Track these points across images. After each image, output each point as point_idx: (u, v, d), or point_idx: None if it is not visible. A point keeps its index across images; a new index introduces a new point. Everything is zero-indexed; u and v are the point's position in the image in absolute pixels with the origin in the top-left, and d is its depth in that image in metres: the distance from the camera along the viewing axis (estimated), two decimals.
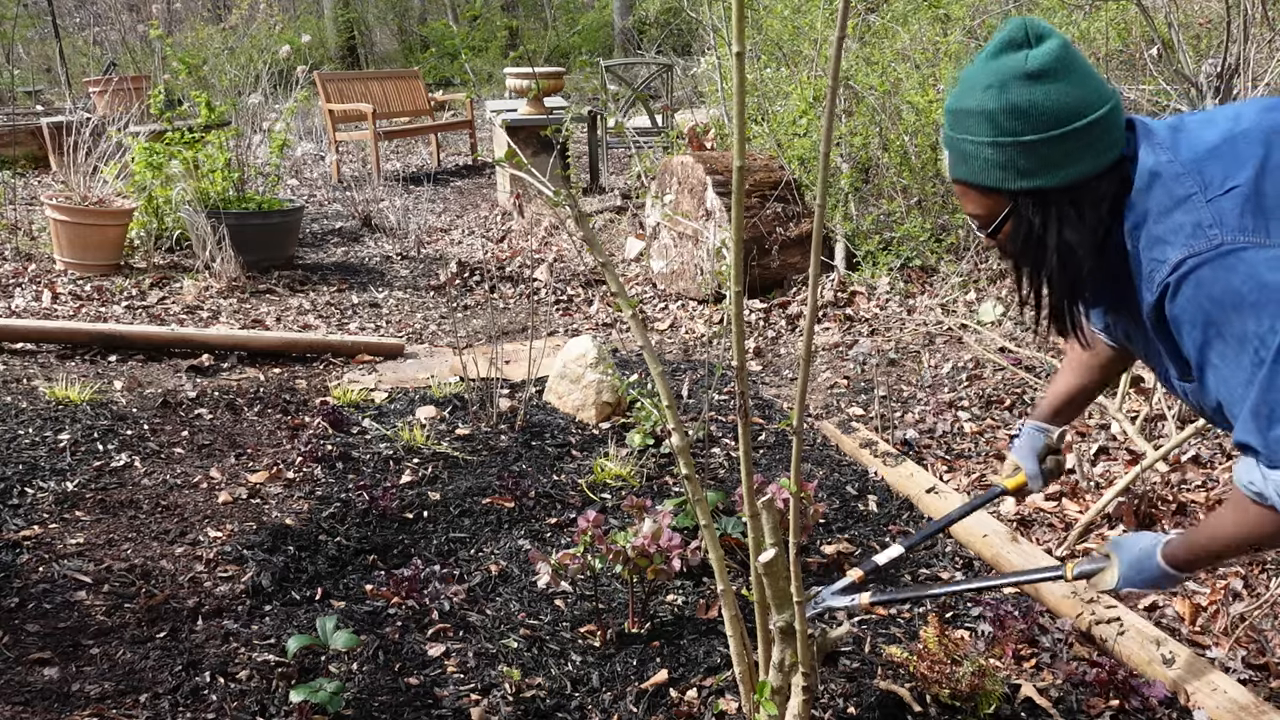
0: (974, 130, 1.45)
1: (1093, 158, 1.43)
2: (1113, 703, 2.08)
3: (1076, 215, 1.46)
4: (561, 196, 1.86)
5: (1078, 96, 1.40)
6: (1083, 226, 1.47)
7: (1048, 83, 1.39)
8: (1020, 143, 1.42)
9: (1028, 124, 1.41)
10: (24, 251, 6.03)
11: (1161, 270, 1.39)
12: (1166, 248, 1.39)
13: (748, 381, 1.72)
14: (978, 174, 1.48)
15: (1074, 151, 1.42)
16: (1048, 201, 1.46)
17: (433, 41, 18.82)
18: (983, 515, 2.86)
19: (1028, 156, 1.42)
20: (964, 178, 1.51)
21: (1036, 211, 1.48)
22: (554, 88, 8.36)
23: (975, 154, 1.47)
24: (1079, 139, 1.41)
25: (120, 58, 12.80)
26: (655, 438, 3.38)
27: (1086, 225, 1.47)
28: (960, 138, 1.48)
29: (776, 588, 1.67)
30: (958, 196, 1.57)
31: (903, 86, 5.24)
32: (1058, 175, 1.43)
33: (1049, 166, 1.43)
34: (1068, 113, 1.40)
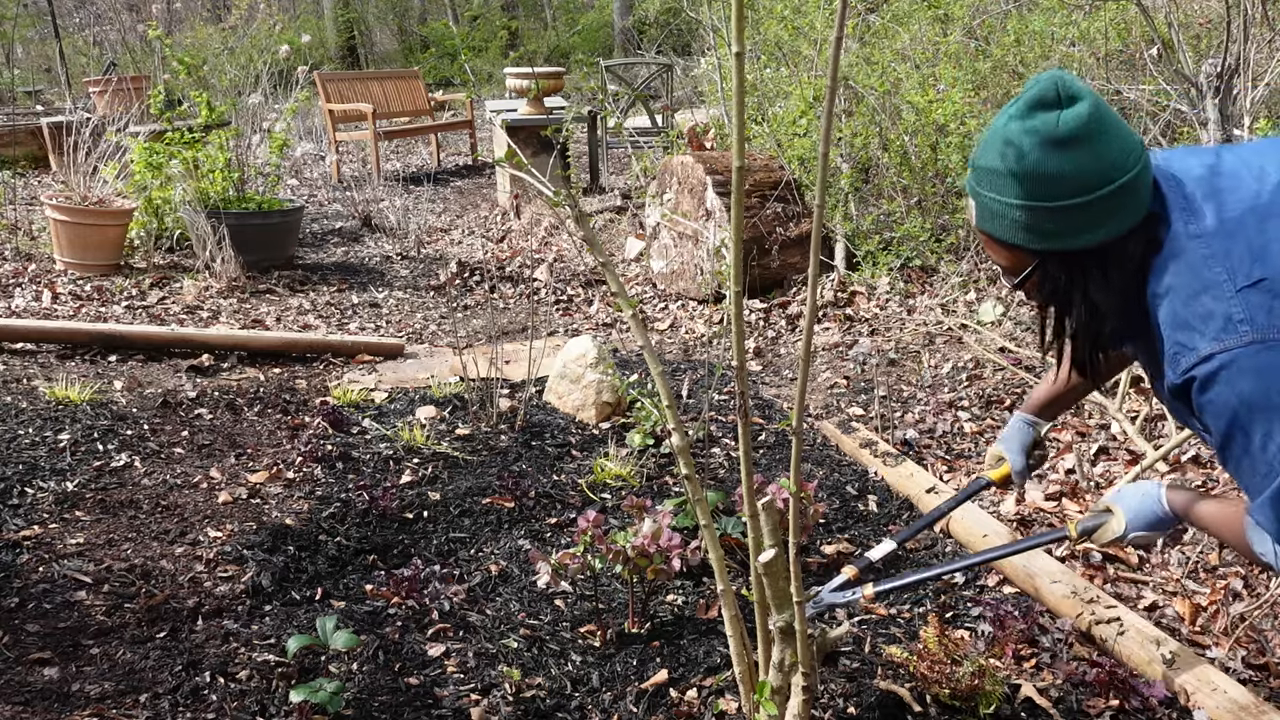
0: (1000, 190, 1.45)
1: (1120, 220, 1.42)
2: (1113, 703, 2.08)
3: (1102, 276, 1.47)
4: (561, 196, 1.86)
5: (1107, 161, 1.39)
6: (1108, 286, 1.47)
7: (1077, 149, 1.38)
8: (1047, 208, 1.41)
9: (1055, 190, 1.40)
10: (24, 251, 6.03)
11: (1188, 357, 1.40)
12: (1194, 335, 1.39)
13: (748, 381, 1.72)
14: (1003, 232, 1.48)
15: (1102, 215, 1.41)
16: (1074, 262, 1.47)
17: (433, 41, 18.83)
18: (982, 515, 2.86)
19: (1054, 220, 1.42)
20: (989, 232, 1.51)
21: (1062, 271, 1.48)
22: (554, 88, 8.37)
23: (1001, 213, 1.46)
24: (1107, 203, 1.40)
25: (120, 58, 12.80)
26: (655, 438, 3.38)
27: (1112, 285, 1.47)
28: (986, 194, 1.48)
29: (776, 588, 1.67)
30: (983, 245, 1.58)
31: (903, 86, 5.24)
32: (1084, 238, 1.43)
33: (1076, 230, 1.43)
34: (1096, 179, 1.39)
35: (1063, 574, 2.53)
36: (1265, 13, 4.07)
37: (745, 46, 1.38)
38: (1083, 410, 3.56)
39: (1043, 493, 3.05)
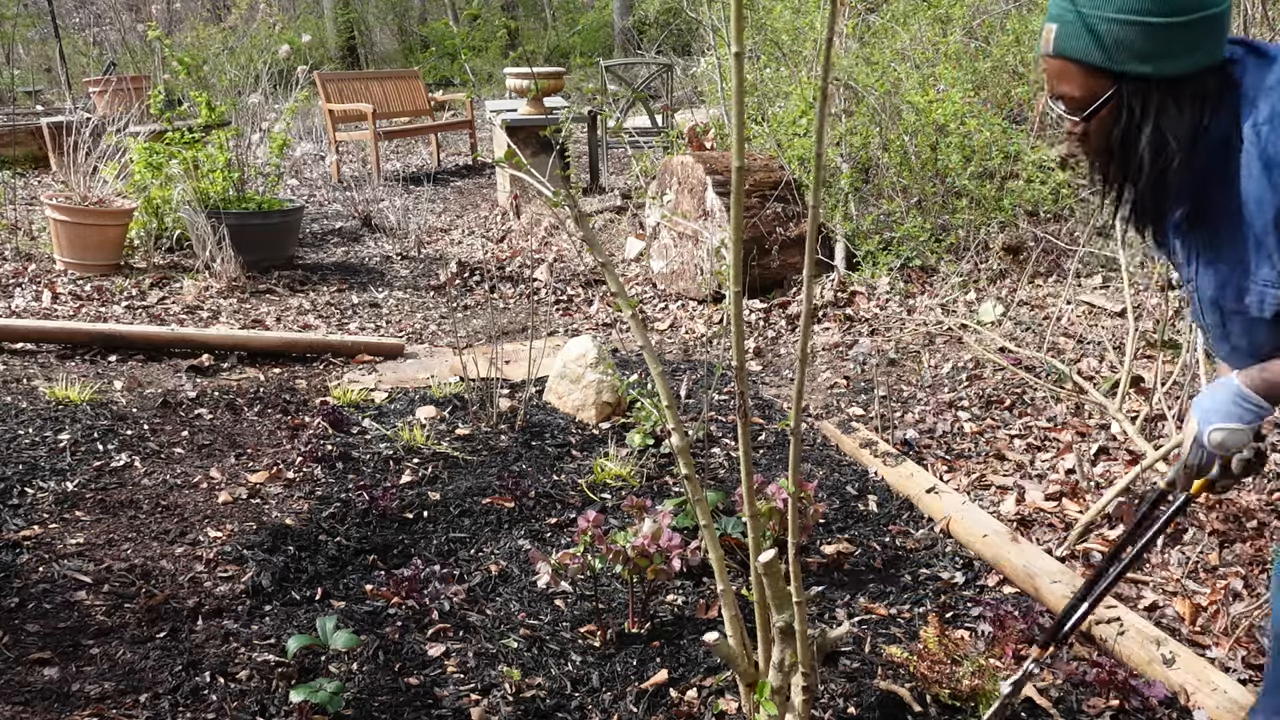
0: (1096, 4, 1.42)
1: (1206, 51, 1.42)
2: (1113, 703, 2.08)
3: (1176, 108, 1.44)
4: (561, 197, 1.86)
5: None
6: (1180, 121, 1.45)
7: None
8: (1144, 24, 1.39)
9: (1153, 5, 1.38)
10: (24, 251, 6.03)
11: None
12: None
13: (747, 381, 1.71)
14: (1088, 50, 1.44)
15: (1193, 41, 1.40)
16: (1151, 90, 1.44)
17: (433, 41, 18.83)
18: (982, 515, 2.86)
19: (1147, 39, 1.40)
20: (1071, 53, 1.47)
21: (1139, 99, 1.45)
22: (554, 88, 8.36)
23: (1094, 28, 1.42)
24: (1200, 29, 1.39)
25: (120, 58, 12.80)
26: (655, 438, 3.38)
27: (1185, 120, 1.45)
28: (1079, 10, 1.43)
29: (776, 588, 1.67)
30: (1051, 75, 1.53)
31: (903, 86, 5.24)
32: (1171, 63, 1.41)
33: (1165, 53, 1.41)
34: (1193, 1, 1.38)
35: (1063, 574, 2.53)
36: (1265, 13, 4.07)
37: (745, 46, 1.38)
38: (1083, 410, 3.56)
39: (1043, 493, 3.05)
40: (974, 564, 2.71)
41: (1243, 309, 1.52)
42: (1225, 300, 1.54)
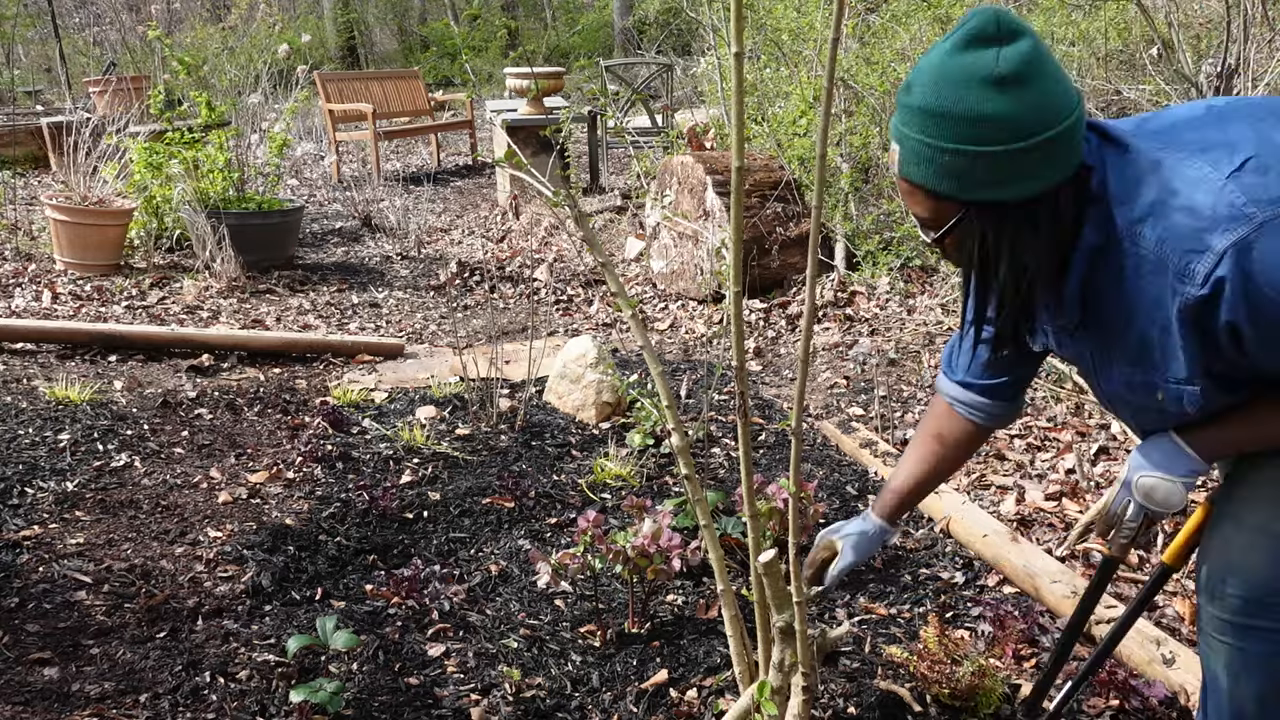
0: (931, 131, 1.33)
1: (1056, 169, 1.33)
2: (1113, 703, 2.08)
3: (1032, 230, 1.37)
4: (561, 197, 1.86)
5: (1046, 105, 1.29)
6: (1038, 242, 1.38)
7: (1016, 90, 1.28)
8: (981, 153, 1.31)
9: (992, 134, 1.29)
10: (24, 251, 6.03)
11: (1205, 261, 1.28)
12: (1203, 235, 1.28)
13: (747, 381, 1.71)
14: (930, 178, 1.36)
15: (1038, 164, 1.31)
16: (1003, 214, 1.36)
17: (433, 41, 18.84)
18: (982, 515, 2.86)
19: (988, 167, 1.31)
20: (913, 179, 1.39)
21: (990, 224, 1.37)
22: (554, 88, 8.37)
23: (930, 157, 1.34)
24: (1044, 151, 1.30)
25: (120, 58, 12.80)
26: (655, 438, 3.38)
27: (1042, 240, 1.38)
28: (914, 136, 1.35)
29: (776, 588, 1.67)
30: (903, 194, 1.46)
31: None
32: (1018, 188, 1.33)
33: (1010, 179, 1.32)
34: (1035, 124, 1.29)
35: (1062, 574, 2.53)
36: (1265, 13, 4.07)
37: (744, 46, 1.38)
38: (1083, 410, 3.56)
39: (1043, 493, 3.05)
40: (974, 564, 2.71)
41: (1158, 405, 1.46)
42: (1136, 398, 1.49)
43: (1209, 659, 1.55)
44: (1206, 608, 1.51)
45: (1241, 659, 1.48)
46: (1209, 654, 1.54)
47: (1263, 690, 1.49)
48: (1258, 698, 1.50)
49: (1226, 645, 1.49)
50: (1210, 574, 1.50)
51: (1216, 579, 1.49)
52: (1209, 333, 1.33)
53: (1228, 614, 1.48)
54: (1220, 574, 1.48)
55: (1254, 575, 1.45)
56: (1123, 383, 1.49)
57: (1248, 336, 1.31)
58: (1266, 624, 1.45)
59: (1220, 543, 1.50)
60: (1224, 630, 1.49)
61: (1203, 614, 1.53)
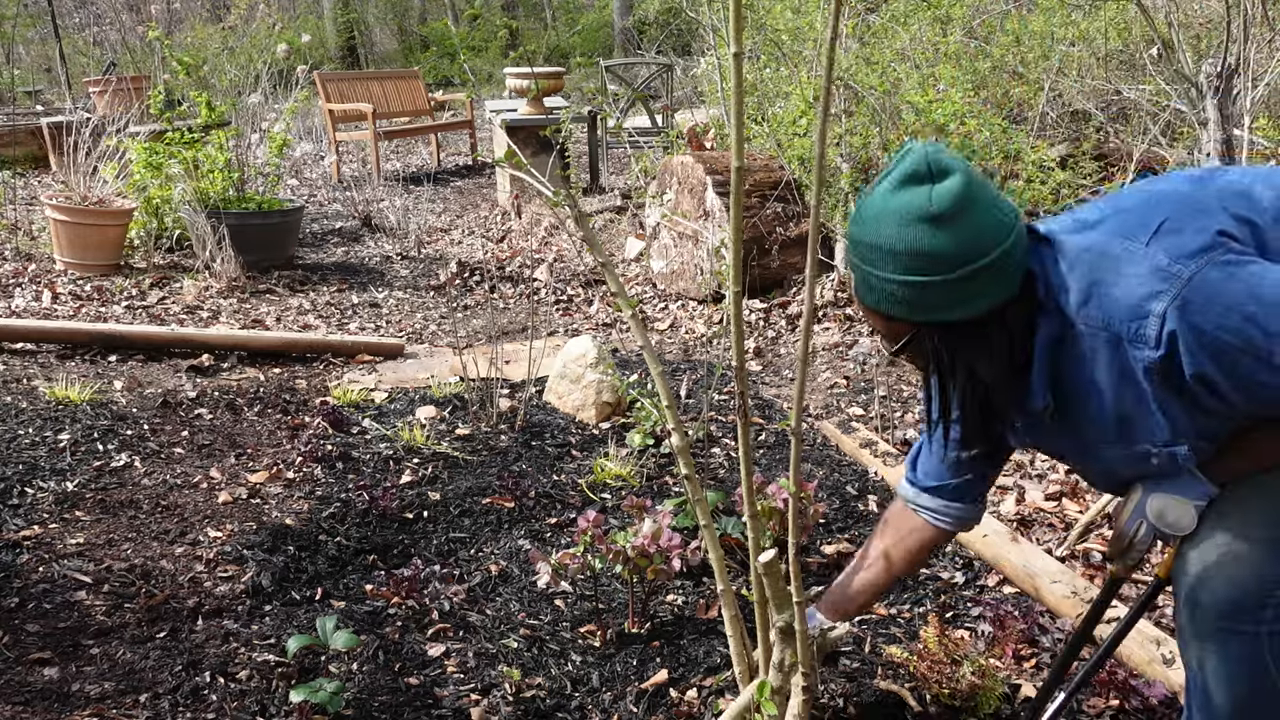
0: (878, 265, 1.45)
1: (998, 289, 1.43)
2: (1113, 703, 2.08)
3: (983, 343, 1.47)
4: (561, 196, 1.86)
5: (981, 233, 1.39)
6: (990, 354, 1.48)
7: (950, 225, 1.39)
8: (922, 283, 1.42)
9: (930, 266, 1.40)
10: (24, 251, 6.03)
11: (1152, 325, 1.37)
12: (1142, 304, 1.38)
13: (747, 381, 1.72)
14: (880, 304, 1.48)
15: (979, 287, 1.42)
16: (953, 333, 1.47)
17: (433, 41, 18.84)
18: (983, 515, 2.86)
19: (931, 294, 1.42)
20: (869, 305, 1.51)
21: (941, 341, 1.49)
22: (554, 88, 8.37)
23: (877, 286, 1.46)
24: (983, 275, 1.41)
25: (120, 58, 12.80)
26: (655, 438, 3.38)
27: (995, 351, 1.48)
28: (863, 268, 1.48)
29: (776, 588, 1.67)
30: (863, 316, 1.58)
31: (903, 86, 5.24)
32: (962, 310, 1.44)
33: (953, 304, 1.43)
34: (971, 253, 1.39)
35: (1062, 574, 2.53)
36: (1265, 13, 4.07)
37: (744, 47, 1.38)
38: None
39: (1043, 493, 3.05)
40: (974, 564, 2.71)
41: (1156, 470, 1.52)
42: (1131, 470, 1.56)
43: (1189, 664, 1.57)
44: (1185, 614, 1.54)
45: (1222, 662, 1.50)
46: (1189, 659, 1.57)
47: (1242, 692, 1.51)
48: (1238, 699, 1.52)
49: (1204, 650, 1.52)
50: (1190, 579, 1.52)
51: (1196, 584, 1.51)
52: (1184, 389, 1.41)
53: (1208, 618, 1.49)
54: (1200, 579, 1.50)
55: (1233, 580, 1.47)
56: (1115, 459, 1.55)
57: (1221, 382, 1.37)
58: (1246, 628, 1.47)
59: (1200, 549, 1.51)
60: (1204, 634, 1.51)
61: (1183, 618, 1.55)
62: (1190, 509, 1.52)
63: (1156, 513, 1.55)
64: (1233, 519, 1.49)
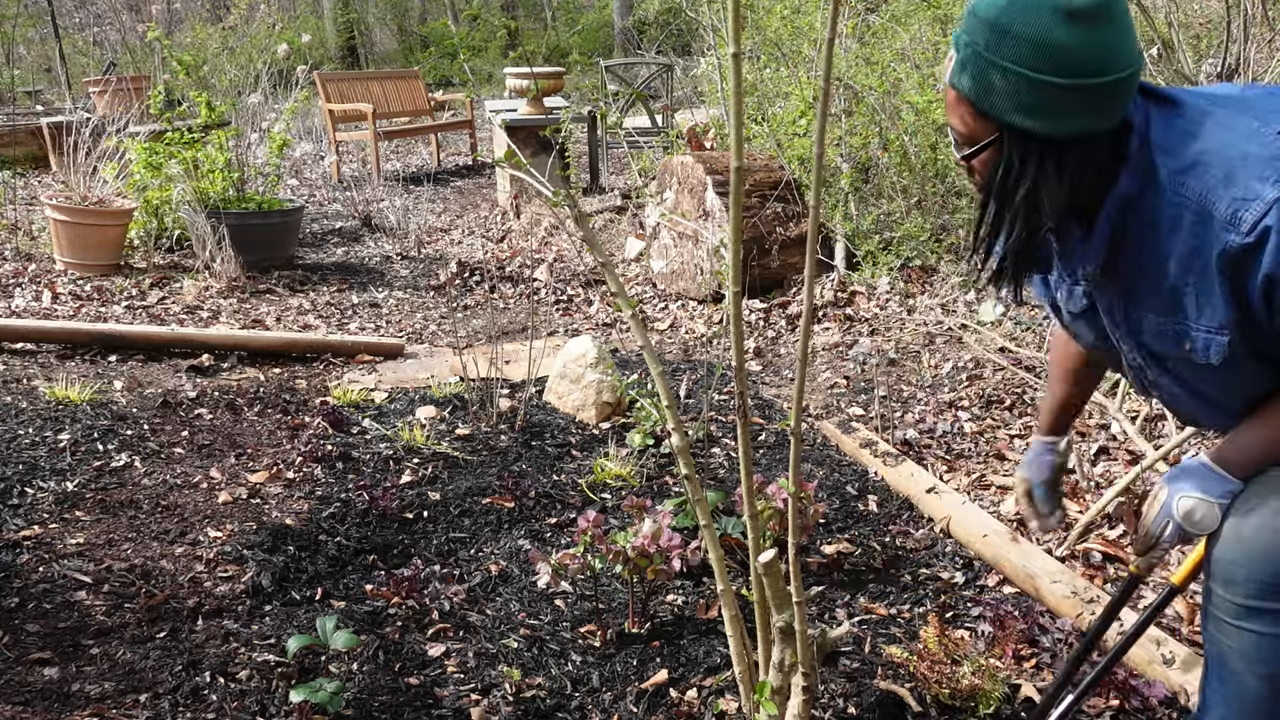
0: (991, 47, 1.35)
1: (1099, 117, 1.36)
2: (1113, 703, 2.08)
3: (1056, 171, 1.39)
4: (561, 196, 1.86)
5: (1111, 49, 1.32)
6: (1059, 185, 1.40)
7: (1087, 26, 1.30)
8: (1034, 79, 1.33)
9: (1050, 63, 1.32)
10: (24, 251, 6.03)
11: (1254, 209, 1.31)
12: (1254, 185, 1.31)
13: (747, 381, 1.71)
14: (975, 91, 1.40)
15: (1084, 105, 1.34)
16: (1031, 147, 1.39)
17: (433, 41, 18.84)
18: (982, 515, 2.86)
19: (1036, 94, 1.34)
20: (961, 88, 1.42)
21: (1019, 153, 1.41)
22: (554, 88, 8.37)
23: (985, 71, 1.37)
24: (1094, 94, 1.33)
25: (120, 58, 12.80)
26: (655, 438, 3.38)
27: (1064, 184, 1.40)
28: (975, 48, 1.38)
29: (776, 588, 1.67)
30: (947, 102, 1.49)
31: (902, 86, 5.24)
32: (1058, 124, 1.36)
33: (1053, 113, 1.35)
34: (1095, 64, 1.32)
35: (1063, 574, 2.53)
36: (1265, 13, 4.07)
37: (743, 47, 1.38)
38: (1083, 410, 3.56)
39: None
40: (974, 564, 2.72)
41: (1185, 355, 1.48)
42: (1164, 348, 1.51)
43: (1219, 645, 1.56)
44: (1219, 593, 1.52)
45: (1255, 642, 1.50)
46: (1220, 640, 1.55)
47: (1276, 672, 1.50)
48: (1273, 681, 1.51)
49: (1239, 629, 1.51)
50: (1222, 559, 1.51)
51: (1229, 564, 1.50)
52: (1244, 286, 1.36)
53: (1240, 598, 1.49)
54: (1232, 559, 1.49)
55: (1266, 558, 1.47)
56: (1152, 332, 1.51)
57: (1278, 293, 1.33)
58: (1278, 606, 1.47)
59: (1232, 528, 1.51)
60: (1237, 614, 1.50)
61: (1214, 599, 1.53)
62: (1215, 508, 1.51)
63: (1184, 512, 1.53)
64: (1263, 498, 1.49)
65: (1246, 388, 1.51)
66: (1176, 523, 1.55)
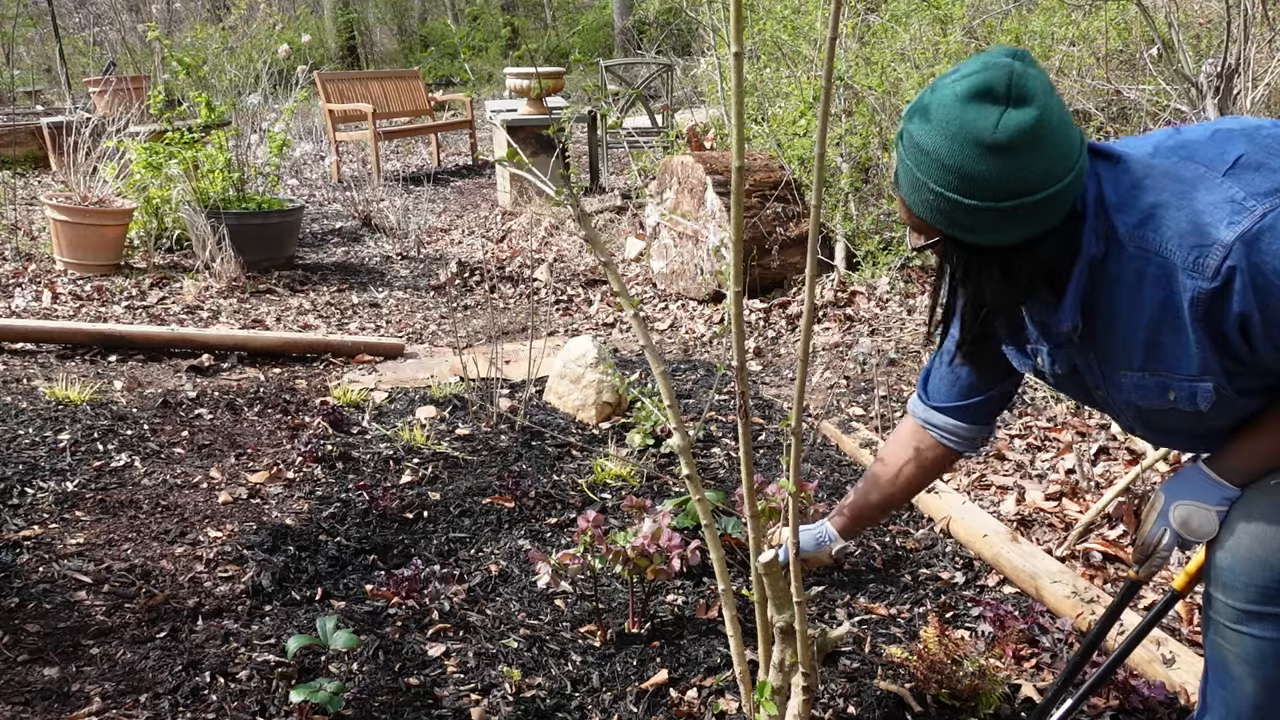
0: (922, 168, 1.37)
1: (1038, 223, 1.37)
2: (1113, 703, 2.08)
3: (1003, 273, 1.42)
4: (562, 196, 1.86)
5: (1036, 173, 1.32)
6: (1005, 286, 1.43)
7: (1010, 157, 1.31)
8: (964, 204, 1.35)
9: (979, 191, 1.33)
10: (24, 251, 6.03)
11: (1213, 254, 1.32)
12: (1209, 230, 1.32)
13: (748, 381, 1.71)
14: (915, 204, 1.42)
15: (1022, 220, 1.35)
16: (972, 255, 1.42)
17: (433, 41, 18.84)
18: (982, 515, 2.86)
19: (970, 217, 1.36)
20: (905, 200, 1.45)
21: (960, 258, 1.44)
22: (554, 88, 8.37)
23: (918, 187, 1.39)
24: (1027, 211, 1.34)
25: (120, 58, 12.80)
26: (655, 438, 3.38)
27: (1011, 285, 1.43)
28: (908, 163, 1.40)
29: (776, 588, 1.67)
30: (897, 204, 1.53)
31: (902, 86, 5.24)
32: (996, 237, 1.38)
33: (990, 229, 1.37)
34: (1022, 188, 1.32)
35: (1062, 574, 2.53)
36: (1265, 13, 4.07)
37: (744, 46, 1.38)
38: (1083, 410, 3.56)
39: (1043, 493, 3.05)
40: (974, 564, 2.71)
41: (1170, 406, 1.50)
42: (1148, 401, 1.52)
43: (1220, 650, 1.56)
44: (1219, 597, 1.53)
45: (1255, 647, 1.50)
46: (1220, 644, 1.56)
47: (1272, 676, 1.51)
48: (1267, 683, 1.51)
49: (1239, 634, 1.51)
50: (1221, 565, 1.51)
51: (1228, 569, 1.50)
52: (1219, 327, 1.37)
53: (1239, 603, 1.49)
54: (1231, 564, 1.50)
55: (1265, 564, 1.47)
56: (1133, 387, 1.52)
57: (1256, 328, 1.34)
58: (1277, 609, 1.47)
59: (1231, 534, 1.51)
60: (1238, 619, 1.51)
61: (1215, 604, 1.54)
62: (1213, 515, 1.52)
63: (1180, 520, 1.54)
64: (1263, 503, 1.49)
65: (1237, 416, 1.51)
66: (1174, 530, 1.56)
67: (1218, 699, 1.59)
